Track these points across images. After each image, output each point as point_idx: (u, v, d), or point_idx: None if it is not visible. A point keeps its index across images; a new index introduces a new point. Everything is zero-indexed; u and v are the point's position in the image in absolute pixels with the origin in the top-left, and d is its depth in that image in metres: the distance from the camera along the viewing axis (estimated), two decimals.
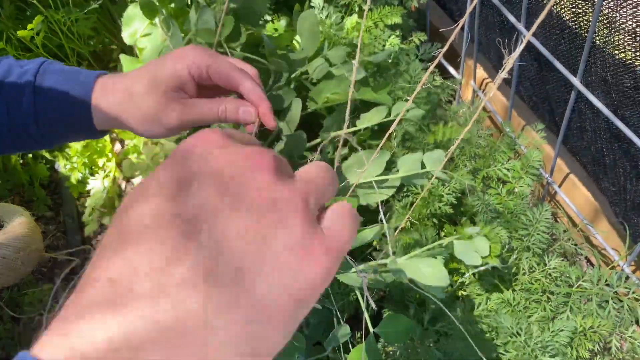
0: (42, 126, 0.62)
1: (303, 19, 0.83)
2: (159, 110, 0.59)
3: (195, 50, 0.59)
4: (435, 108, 1.07)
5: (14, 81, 0.61)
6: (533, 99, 1.11)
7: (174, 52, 0.60)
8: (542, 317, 0.82)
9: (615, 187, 0.94)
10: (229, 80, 0.59)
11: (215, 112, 0.60)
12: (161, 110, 0.59)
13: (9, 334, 1.16)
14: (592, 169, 1.01)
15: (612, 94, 0.83)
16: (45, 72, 0.62)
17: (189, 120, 0.60)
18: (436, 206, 0.84)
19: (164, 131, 0.61)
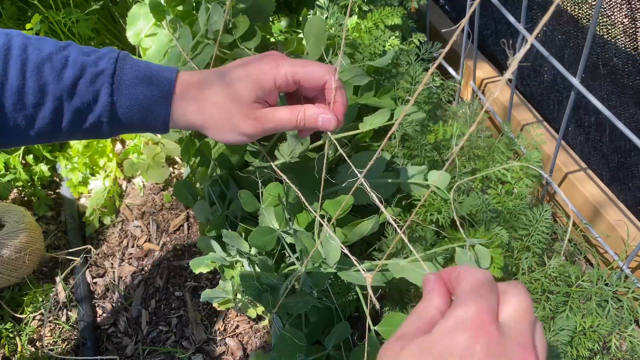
0: (116, 129, 0.61)
1: (310, 24, 0.83)
2: (240, 120, 0.59)
3: (279, 59, 0.59)
4: (436, 108, 1.07)
5: (89, 84, 0.58)
6: (538, 97, 1.11)
7: (255, 62, 0.60)
8: (542, 317, 0.82)
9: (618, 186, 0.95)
10: (315, 80, 0.60)
11: (295, 121, 0.60)
12: (242, 121, 0.60)
13: (10, 333, 1.17)
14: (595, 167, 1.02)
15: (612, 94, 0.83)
16: (122, 73, 0.59)
17: (268, 129, 0.61)
18: (435, 217, 0.84)
19: (241, 139, 0.62)
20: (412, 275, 0.67)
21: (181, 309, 1.19)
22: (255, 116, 0.60)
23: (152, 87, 0.59)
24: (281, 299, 0.74)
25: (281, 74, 0.59)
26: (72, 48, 0.60)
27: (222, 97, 0.59)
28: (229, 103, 0.59)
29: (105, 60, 0.59)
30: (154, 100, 0.59)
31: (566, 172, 1.10)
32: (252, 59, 0.61)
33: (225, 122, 0.60)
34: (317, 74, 0.59)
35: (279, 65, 0.59)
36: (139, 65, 0.60)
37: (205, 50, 0.83)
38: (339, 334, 0.77)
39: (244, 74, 0.59)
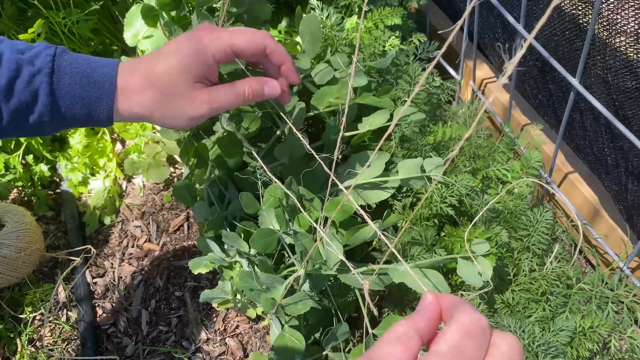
0: (59, 126, 0.60)
1: (305, 22, 0.83)
2: (184, 104, 0.59)
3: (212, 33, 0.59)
4: (436, 109, 1.07)
5: (26, 84, 0.56)
6: (533, 100, 1.11)
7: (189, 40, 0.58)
8: (542, 317, 0.82)
9: (618, 186, 0.94)
10: (255, 47, 0.60)
11: (242, 96, 0.60)
12: (187, 104, 0.59)
13: (9, 333, 1.17)
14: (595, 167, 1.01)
15: (613, 95, 0.83)
16: (60, 72, 0.57)
17: (216, 108, 0.60)
18: (438, 207, 0.84)
19: (189, 123, 0.61)
20: (412, 281, 0.67)
21: (181, 309, 1.19)
22: (198, 98, 0.59)
23: (92, 86, 0.58)
24: (279, 300, 0.74)
25: (219, 47, 0.58)
26: (5, 45, 0.58)
27: (162, 83, 0.58)
28: (169, 88, 0.58)
29: (42, 59, 0.57)
30: (96, 98, 0.58)
31: (566, 172, 1.10)
32: (183, 38, 0.59)
33: (168, 108, 0.59)
34: (255, 40, 0.59)
35: (215, 38, 0.58)
36: (77, 61, 0.58)
37: None
38: (338, 335, 0.77)
39: (180, 55, 0.58)
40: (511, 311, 0.84)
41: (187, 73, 0.58)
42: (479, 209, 0.87)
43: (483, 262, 0.68)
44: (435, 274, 0.67)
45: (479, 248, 0.70)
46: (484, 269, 0.67)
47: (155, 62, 0.59)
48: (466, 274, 0.68)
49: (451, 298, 0.40)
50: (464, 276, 0.68)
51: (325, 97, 0.86)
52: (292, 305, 0.74)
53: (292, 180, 0.75)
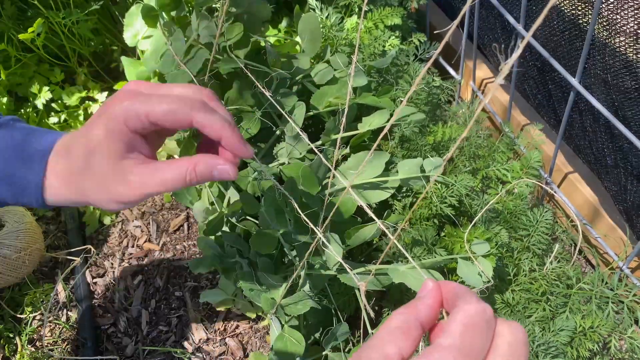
0: None
1: (304, 21, 0.83)
2: (114, 185, 0.49)
3: (127, 98, 0.48)
4: (436, 109, 1.07)
5: None
6: (532, 101, 1.11)
7: (108, 105, 0.49)
8: (542, 317, 0.82)
9: (617, 186, 0.94)
10: (177, 122, 0.48)
11: (183, 180, 0.49)
12: (116, 185, 0.49)
13: (9, 333, 1.17)
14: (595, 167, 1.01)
15: (612, 95, 0.83)
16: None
17: (150, 194, 0.49)
18: (438, 207, 0.84)
19: (121, 207, 0.51)
20: (412, 281, 0.67)
21: (181, 309, 1.19)
22: (129, 179, 0.49)
23: (20, 164, 0.51)
24: (279, 300, 0.74)
25: (131, 115, 0.48)
26: None
27: (84, 161, 0.49)
28: (93, 166, 0.49)
29: None
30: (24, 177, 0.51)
31: (566, 172, 1.10)
32: (103, 106, 0.50)
33: (99, 191, 0.50)
34: (178, 114, 0.48)
35: (130, 104, 0.48)
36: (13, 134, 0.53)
37: (198, 54, 0.82)
38: (338, 335, 0.77)
39: (99, 126, 0.49)
40: (511, 311, 0.84)
41: (105, 152, 0.48)
42: (479, 209, 0.87)
43: (483, 262, 0.68)
44: (435, 274, 0.67)
45: (479, 248, 0.70)
46: (484, 270, 0.67)
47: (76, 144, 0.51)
48: (466, 275, 0.68)
49: (454, 285, 0.39)
50: (464, 276, 0.68)
51: (324, 96, 0.86)
52: (292, 305, 0.74)
53: (292, 181, 0.75)
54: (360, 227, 0.73)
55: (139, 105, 0.48)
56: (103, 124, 0.48)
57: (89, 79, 1.40)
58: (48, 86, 1.31)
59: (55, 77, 1.35)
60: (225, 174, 0.50)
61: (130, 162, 0.49)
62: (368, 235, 0.72)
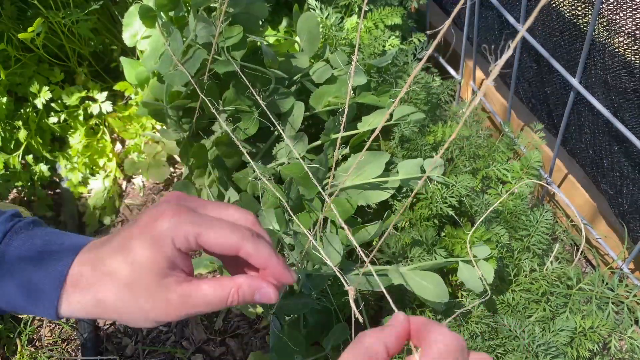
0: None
1: (303, 21, 0.83)
2: (150, 305, 0.47)
3: (177, 216, 0.46)
4: (436, 109, 1.07)
5: None
6: (532, 101, 1.11)
7: (150, 222, 0.47)
8: (542, 317, 0.82)
9: (613, 189, 0.94)
10: (225, 250, 0.47)
11: (225, 301, 0.48)
12: (153, 305, 0.47)
13: (9, 333, 1.17)
14: (590, 170, 1.01)
15: (612, 96, 0.83)
16: (5, 255, 0.49)
17: (190, 314, 0.48)
18: (438, 208, 0.84)
19: (156, 325, 0.50)
20: (412, 284, 0.67)
21: None
22: (169, 298, 0.47)
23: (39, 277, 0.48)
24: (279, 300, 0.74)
25: (179, 236, 0.46)
26: None
27: (119, 280, 0.46)
28: (129, 285, 0.46)
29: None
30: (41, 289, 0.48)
31: (566, 172, 1.10)
32: (147, 219, 0.47)
33: (132, 310, 0.47)
34: (227, 242, 0.47)
35: (179, 223, 0.46)
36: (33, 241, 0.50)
37: (196, 54, 0.82)
38: (338, 335, 0.77)
39: (144, 246, 0.46)
40: (511, 311, 0.84)
41: (148, 272, 0.46)
42: (479, 209, 0.87)
43: (484, 266, 0.68)
44: (434, 277, 0.67)
45: (480, 252, 0.70)
46: (485, 273, 0.67)
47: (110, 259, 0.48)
48: (467, 278, 0.68)
49: (424, 319, 0.40)
50: (465, 280, 0.68)
51: (324, 96, 0.86)
52: (292, 305, 0.74)
53: (291, 181, 0.75)
54: (360, 228, 0.73)
55: (189, 227, 0.46)
56: (149, 244, 0.46)
57: (89, 79, 1.40)
58: (48, 86, 1.31)
59: (55, 77, 1.35)
60: (266, 297, 0.49)
61: (171, 280, 0.47)
62: (369, 236, 0.72)
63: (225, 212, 0.50)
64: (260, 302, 0.50)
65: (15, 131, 1.29)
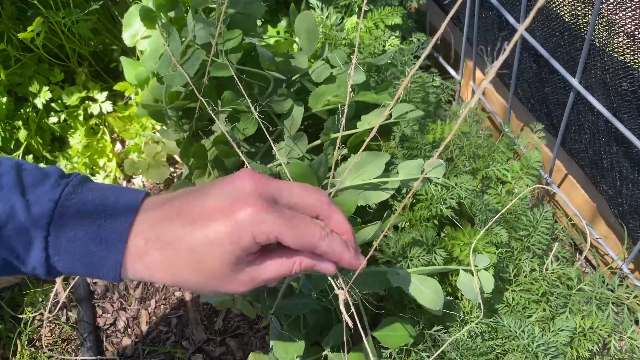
0: (56, 276, 0.52)
1: (301, 20, 0.83)
2: (220, 283, 0.49)
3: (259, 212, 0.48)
4: (436, 108, 1.07)
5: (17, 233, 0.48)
6: (531, 102, 1.11)
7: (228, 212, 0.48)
8: (542, 317, 0.82)
9: (613, 190, 0.94)
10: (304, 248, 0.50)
11: (289, 272, 0.51)
12: (223, 283, 0.49)
13: (9, 333, 1.17)
14: (590, 170, 1.01)
15: (611, 96, 0.83)
16: (61, 223, 0.48)
17: (256, 285, 0.51)
18: (438, 209, 0.84)
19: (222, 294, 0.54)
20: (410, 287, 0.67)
21: (181, 309, 1.19)
22: (239, 278, 0.50)
23: (98, 242, 0.49)
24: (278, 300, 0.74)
25: (262, 233, 0.48)
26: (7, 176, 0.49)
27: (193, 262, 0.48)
28: (209, 269, 0.49)
29: (41, 206, 0.48)
30: (102, 256, 0.49)
31: (566, 172, 1.10)
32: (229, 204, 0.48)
33: (202, 286, 0.50)
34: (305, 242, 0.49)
35: (262, 221, 0.47)
36: (85, 207, 0.49)
37: (195, 55, 0.82)
38: (337, 335, 0.77)
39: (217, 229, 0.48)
40: (511, 311, 0.84)
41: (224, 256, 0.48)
42: (480, 209, 0.87)
43: (484, 276, 0.68)
44: (432, 282, 0.67)
45: (480, 261, 0.70)
46: (485, 284, 0.68)
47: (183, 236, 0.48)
48: (465, 287, 0.68)
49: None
50: (463, 289, 0.68)
51: (323, 95, 0.86)
52: (292, 305, 0.74)
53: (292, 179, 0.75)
54: (360, 228, 0.73)
55: (271, 227, 0.48)
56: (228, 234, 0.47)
57: (89, 79, 1.40)
58: (48, 86, 1.31)
59: (55, 77, 1.35)
60: (326, 269, 0.52)
61: (243, 265, 0.49)
62: (369, 236, 0.72)
63: (302, 197, 0.52)
64: (319, 270, 0.52)
65: (15, 131, 1.29)
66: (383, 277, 0.71)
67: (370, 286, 0.72)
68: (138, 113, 1.04)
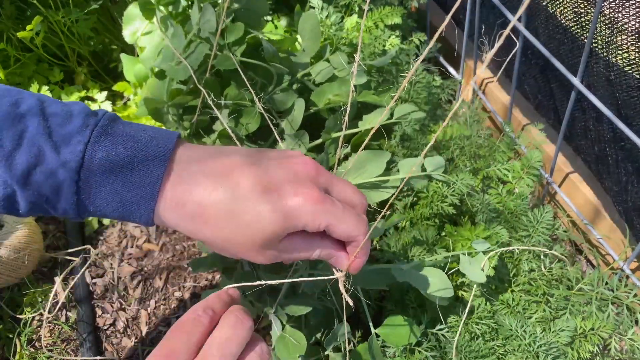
0: (88, 217, 0.51)
1: (304, 20, 0.83)
2: (253, 252, 0.50)
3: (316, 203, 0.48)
4: (436, 108, 1.07)
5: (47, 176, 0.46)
6: (538, 97, 1.11)
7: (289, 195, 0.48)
8: (542, 318, 0.82)
9: (618, 186, 0.94)
10: (346, 239, 0.51)
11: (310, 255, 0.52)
12: (256, 253, 0.50)
13: (9, 333, 1.16)
14: (595, 167, 1.01)
15: (615, 94, 0.83)
16: (92, 166, 0.47)
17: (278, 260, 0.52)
18: (439, 206, 0.84)
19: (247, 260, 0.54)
20: (416, 281, 0.67)
21: (181, 309, 1.19)
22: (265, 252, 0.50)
23: (128, 188, 0.48)
24: (279, 300, 0.74)
25: (314, 223, 0.49)
26: (31, 116, 0.47)
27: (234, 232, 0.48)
28: (242, 238, 0.48)
29: (71, 148, 0.46)
30: (134, 202, 0.48)
31: (567, 172, 1.10)
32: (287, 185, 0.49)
33: (232, 250, 0.50)
34: (351, 234, 0.51)
35: (318, 212, 0.48)
36: (116, 150, 0.47)
37: (198, 48, 0.82)
38: (339, 335, 0.77)
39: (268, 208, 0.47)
40: (511, 312, 0.84)
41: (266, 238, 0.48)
42: (480, 208, 0.87)
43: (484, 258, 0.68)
44: (438, 272, 0.67)
45: (479, 246, 0.70)
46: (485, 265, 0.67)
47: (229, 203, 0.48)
48: (468, 271, 0.67)
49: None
50: (467, 272, 0.68)
51: (325, 94, 0.86)
52: (294, 305, 0.74)
53: None
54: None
55: (325, 218, 0.49)
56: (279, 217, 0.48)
57: (89, 79, 1.39)
58: (47, 86, 1.30)
59: (54, 76, 1.34)
60: (340, 263, 0.54)
61: (275, 243, 0.50)
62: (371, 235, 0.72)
63: (349, 195, 0.53)
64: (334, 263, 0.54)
65: None
66: (387, 273, 0.71)
67: (374, 283, 0.72)
68: (138, 113, 1.04)
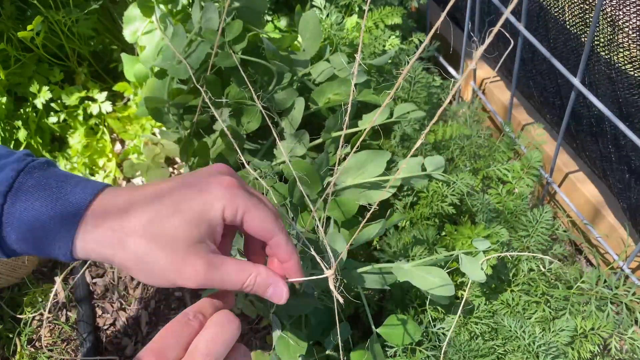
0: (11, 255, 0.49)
1: (305, 20, 0.83)
2: (171, 270, 0.46)
3: (232, 187, 0.47)
4: (435, 108, 1.07)
5: None
6: (538, 97, 1.11)
7: (204, 185, 0.47)
8: (542, 318, 0.82)
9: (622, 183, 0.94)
10: (263, 232, 0.49)
11: (242, 283, 0.48)
12: (176, 270, 0.46)
13: (9, 333, 1.16)
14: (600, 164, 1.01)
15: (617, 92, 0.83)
16: (19, 192, 0.46)
17: (209, 285, 0.47)
18: (439, 206, 0.84)
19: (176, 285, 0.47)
20: (417, 279, 0.67)
21: (181, 309, 1.19)
22: (195, 264, 0.46)
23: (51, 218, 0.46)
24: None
25: (232, 206, 0.47)
26: None
27: (153, 231, 0.45)
28: (158, 236, 0.45)
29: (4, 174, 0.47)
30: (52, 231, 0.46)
31: (567, 172, 1.10)
32: (200, 180, 0.48)
33: (152, 262, 0.45)
34: (267, 230, 0.49)
35: (235, 194, 0.47)
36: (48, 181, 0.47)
37: (200, 47, 0.82)
38: (340, 335, 0.77)
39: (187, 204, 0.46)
40: (511, 312, 0.84)
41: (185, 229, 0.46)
42: (480, 208, 0.87)
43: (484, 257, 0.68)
44: (439, 271, 0.67)
45: (480, 245, 0.70)
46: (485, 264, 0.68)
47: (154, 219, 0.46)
48: (469, 269, 0.67)
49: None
50: (467, 271, 0.68)
51: (325, 93, 0.86)
52: (294, 305, 0.74)
53: (295, 180, 0.75)
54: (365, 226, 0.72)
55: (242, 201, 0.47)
56: (199, 202, 0.46)
57: (89, 79, 1.39)
58: (47, 86, 1.30)
59: (54, 76, 1.34)
60: (278, 296, 0.51)
61: (204, 247, 0.46)
62: (371, 235, 0.72)
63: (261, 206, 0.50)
64: (270, 298, 0.50)
65: (15, 131, 1.29)
66: (387, 273, 0.71)
67: (374, 283, 0.72)
68: (138, 113, 1.04)
